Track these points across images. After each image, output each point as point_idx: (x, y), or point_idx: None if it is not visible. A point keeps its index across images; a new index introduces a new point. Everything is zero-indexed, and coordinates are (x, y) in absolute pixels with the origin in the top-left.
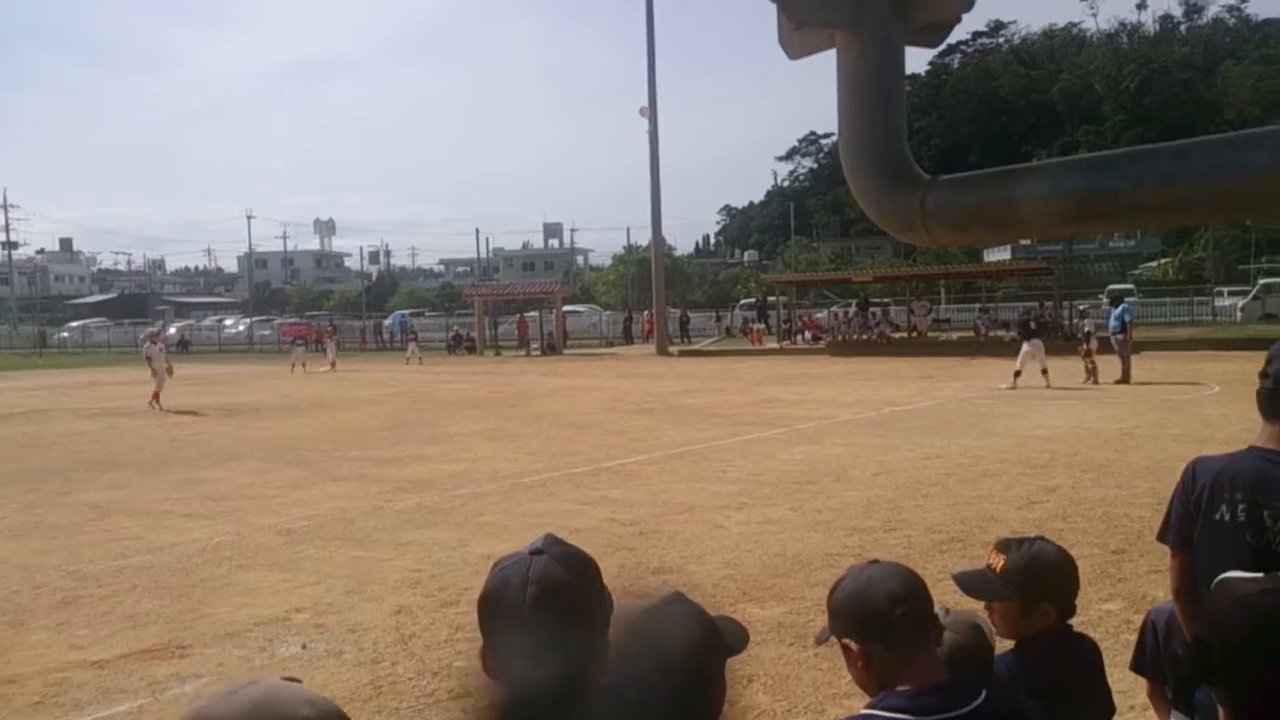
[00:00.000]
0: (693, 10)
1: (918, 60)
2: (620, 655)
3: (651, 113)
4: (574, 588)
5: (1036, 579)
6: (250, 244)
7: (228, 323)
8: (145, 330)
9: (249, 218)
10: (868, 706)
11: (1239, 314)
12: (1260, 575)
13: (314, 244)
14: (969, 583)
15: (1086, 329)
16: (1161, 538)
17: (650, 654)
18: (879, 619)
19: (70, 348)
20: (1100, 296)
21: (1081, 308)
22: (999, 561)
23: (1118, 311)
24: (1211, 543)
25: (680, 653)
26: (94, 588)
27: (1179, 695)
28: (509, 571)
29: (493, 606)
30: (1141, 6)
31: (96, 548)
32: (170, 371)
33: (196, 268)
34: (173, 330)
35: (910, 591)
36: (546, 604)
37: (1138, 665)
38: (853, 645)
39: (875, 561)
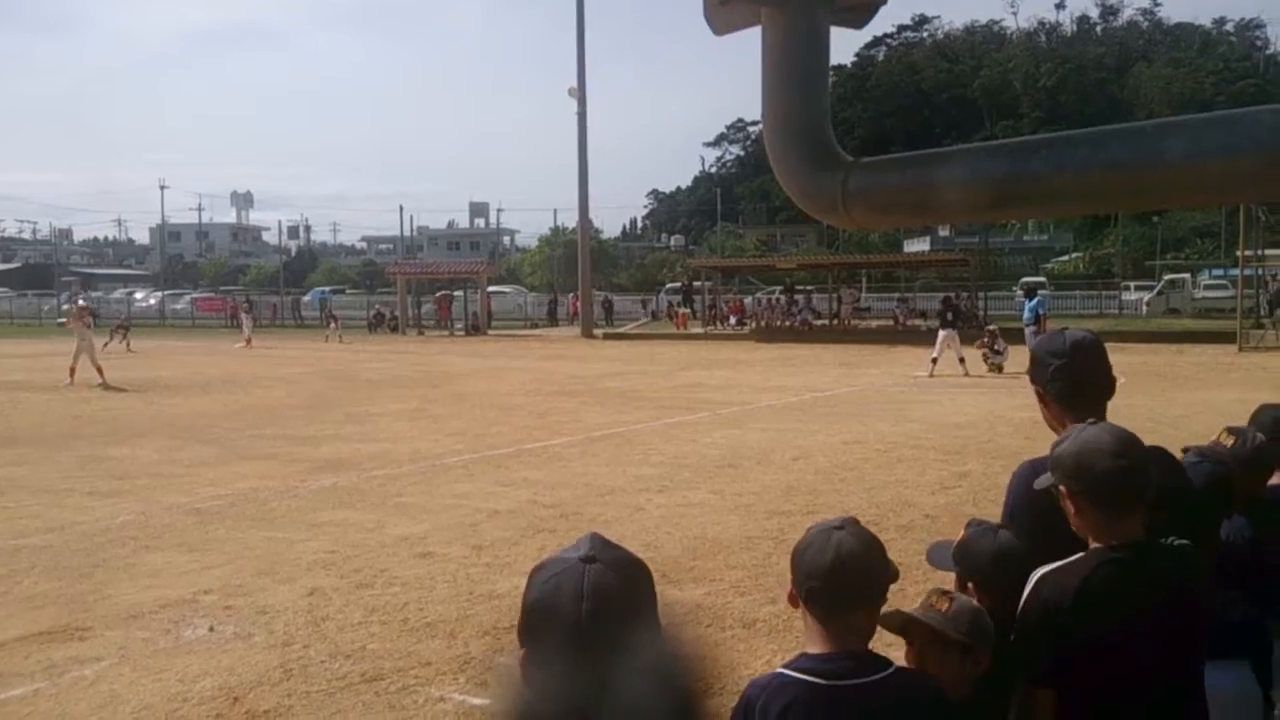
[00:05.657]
0: None
1: (844, 51)
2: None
3: (580, 94)
4: (631, 600)
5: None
6: (163, 215)
7: (138, 295)
8: (73, 302)
9: (162, 188)
10: (783, 666)
11: (1144, 308)
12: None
13: (230, 217)
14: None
15: (993, 345)
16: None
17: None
18: (801, 582)
19: None
20: (1014, 289)
21: (991, 328)
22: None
23: (1032, 304)
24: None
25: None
26: None
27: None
28: (561, 580)
29: (542, 618)
30: (1060, 6)
31: None
32: (90, 343)
33: (106, 238)
34: (81, 301)
35: (833, 568)
36: (604, 618)
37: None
38: (791, 589)
39: (840, 528)
